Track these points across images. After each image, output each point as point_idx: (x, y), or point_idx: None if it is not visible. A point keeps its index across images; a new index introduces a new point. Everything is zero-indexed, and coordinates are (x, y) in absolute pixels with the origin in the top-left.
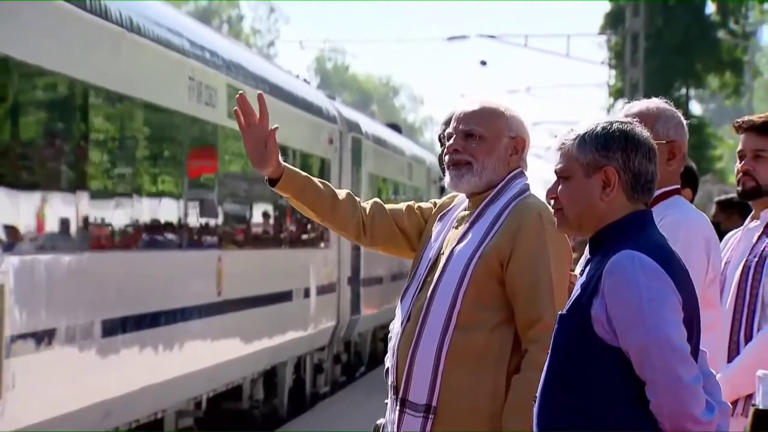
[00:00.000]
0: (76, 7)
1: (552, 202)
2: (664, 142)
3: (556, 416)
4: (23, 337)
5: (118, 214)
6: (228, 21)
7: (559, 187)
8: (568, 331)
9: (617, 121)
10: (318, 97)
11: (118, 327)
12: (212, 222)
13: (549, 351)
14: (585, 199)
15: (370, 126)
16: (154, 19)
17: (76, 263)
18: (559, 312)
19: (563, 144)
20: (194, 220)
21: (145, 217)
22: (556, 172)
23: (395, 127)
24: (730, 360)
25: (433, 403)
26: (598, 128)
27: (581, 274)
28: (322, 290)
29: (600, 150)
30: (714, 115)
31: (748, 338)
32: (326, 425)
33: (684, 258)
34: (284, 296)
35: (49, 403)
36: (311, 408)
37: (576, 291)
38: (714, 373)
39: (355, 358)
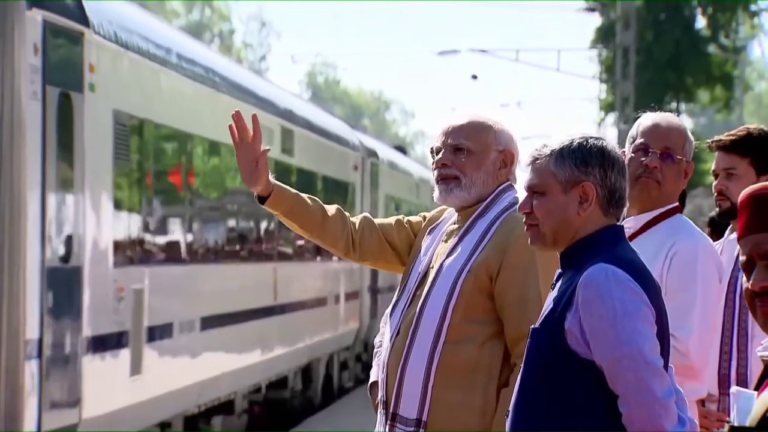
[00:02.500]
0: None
1: (524, 217)
2: (687, 161)
3: (528, 430)
4: (154, 328)
5: (210, 235)
6: (219, 35)
7: (534, 202)
8: (540, 344)
9: (591, 137)
10: (345, 130)
11: (210, 323)
12: (270, 239)
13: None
14: (562, 215)
15: (385, 151)
16: (232, 81)
17: (185, 273)
18: (532, 326)
19: (537, 159)
20: (259, 238)
21: (226, 237)
22: (530, 187)
23: (401, 149)
24: (720, 370)
25: (423, 418)
26: (575, 144)
27: (553, 288)
28: (349, 297)
29: (579, 166)
30: (704, 129)
31: (741, 348)
32: (354, 415)
33: (704, 289)
34: (321, 301)
35: (168, 379)
36: (338, 400)
37: (548, 305)
38: (680, 389)
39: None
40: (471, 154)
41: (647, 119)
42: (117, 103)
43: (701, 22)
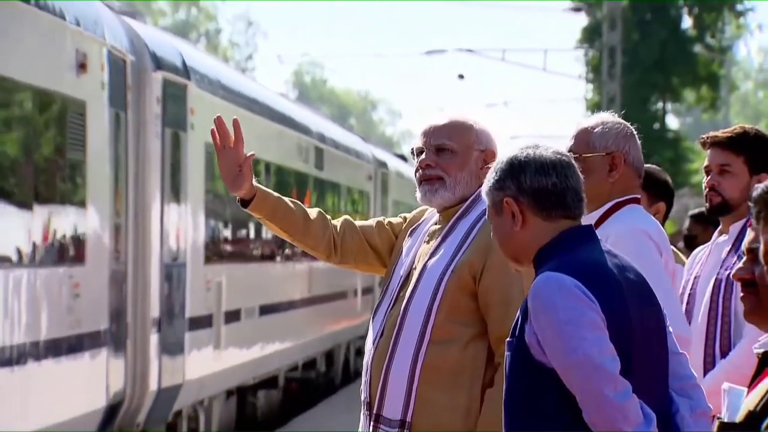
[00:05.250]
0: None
1: None
2: (603, 154)
3: None
4: (229, 313)
5: (264, 239)
6: (206, 35)
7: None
8: (512, 355)
9: (513, 151)
10: (362, 145)
11: (266, 310)
12: None
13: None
14: (503, 235)
15: (393, 162)
16: (280, 112)
17: (248, 269)
18: (507, 339)
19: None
20: None
21: (276, 240)
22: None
23: (402, 158)
24: (704, 374)
25: (408, 419)
26: (495, 166)
27: None
28: (364, 292)
29: (494, 186)
30: (691, 129)
31: (725, 351)
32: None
33: (640, 267)
34: (343, 295)
35: (236, 354)
36: (355, 381)
37: (516, 316)
38: (694, 375)
39: None
40: (454, 155)
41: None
42: (207, 136)
43: (687, 22)
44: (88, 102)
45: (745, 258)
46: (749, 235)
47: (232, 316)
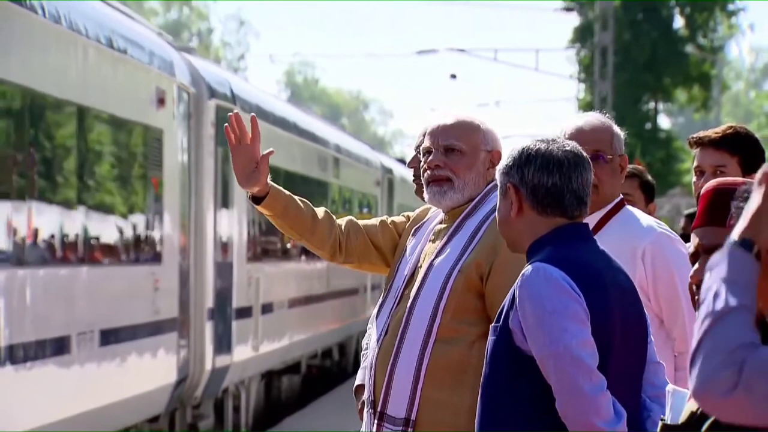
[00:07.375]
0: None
1: None
2: (619, 155)
3: (484, 424)
4: (264, 305)
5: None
6: (198, 34)
7: None
8: (495, 340)
9: (529, 141)
10: (371, 153)
11: (294, 303)
12: None
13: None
14: (503, 219)
15: (397, 168)
16: (303, 128)
17: (280, 266)
18: (492, 324)
19: None
20: None
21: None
22: None
23: (403, 162)
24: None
25: (412, 417)
26: (511, 151)
27: None
28: (373, 288)
29: (503, 171)
30: (682, 128)
31: None
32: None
33: (684, 281)
34: (355, 291)
35: (270, 343)
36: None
37: (503, 303)
38: (666, 382)
39: None
40: (462, 155)
41: (570, 125)
42: None
43: (679, 22)
44: (164, 130)
45: (701, 260)
46: (700, 237)
47: (267, 308)
